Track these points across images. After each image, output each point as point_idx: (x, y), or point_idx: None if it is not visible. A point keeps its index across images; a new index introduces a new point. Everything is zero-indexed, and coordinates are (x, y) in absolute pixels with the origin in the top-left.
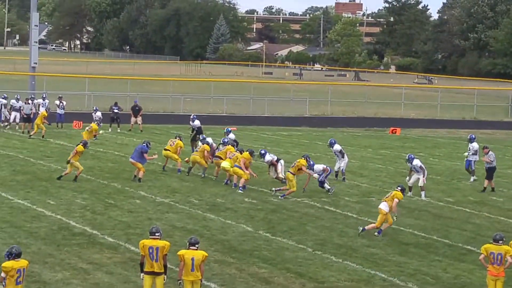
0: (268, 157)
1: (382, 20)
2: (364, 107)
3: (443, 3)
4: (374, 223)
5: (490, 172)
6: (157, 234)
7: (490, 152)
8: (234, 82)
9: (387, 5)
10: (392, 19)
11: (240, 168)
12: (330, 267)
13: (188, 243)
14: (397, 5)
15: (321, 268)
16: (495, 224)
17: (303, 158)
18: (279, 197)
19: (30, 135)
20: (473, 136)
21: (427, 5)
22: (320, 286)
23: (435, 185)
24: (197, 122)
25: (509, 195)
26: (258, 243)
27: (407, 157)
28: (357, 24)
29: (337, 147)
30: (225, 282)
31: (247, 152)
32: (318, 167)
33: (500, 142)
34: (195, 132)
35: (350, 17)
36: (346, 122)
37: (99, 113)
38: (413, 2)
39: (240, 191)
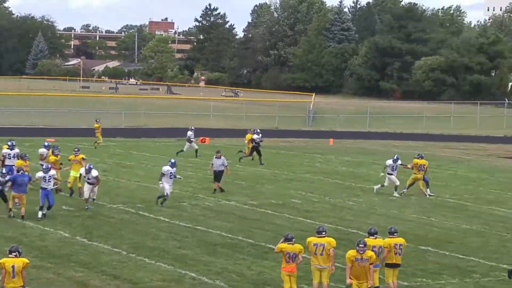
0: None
1: (192, 38)
2: (176, 118)
3: (248, 22)
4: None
5: (219, 175)
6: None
7: (222, 157)
8: (54, 96)
9: (197, 24)
10: (201, 37)
11: None
12: (144, 268)
13: (8, 251)
14: (206, 24)
15: (135, 270)
16: (294, 224)
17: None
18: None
19: None
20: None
21: (234, 24)
22: (134, 287)
23: (240, 189)
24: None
25: (307, 198)
26: (76, 248)
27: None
28: (170, 42)
29: (93, 172)
30: (43, 287)
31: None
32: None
33: (299, 149)
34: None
35: (162, 34)
36: (159, 133)
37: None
38: (220, 21)
39: None
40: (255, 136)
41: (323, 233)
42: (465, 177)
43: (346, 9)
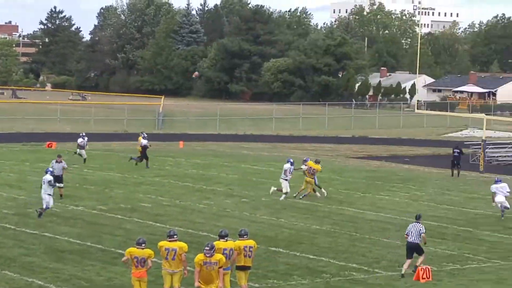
0: None
1: (38, 41)
2: (21, 123)
3: (95, 25)
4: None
5: (60, 180)
6: None
7: (63, 161)
8: None
9: (42, 26)
10: (47, 40)
11: None
12: None
13: None
14: (52, 27)
15: None
16: (144, 229)
17: None
18: None
19: None
20: (307, 159)
21: (80, 27)
22: None
23: (89, 194)
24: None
25: (157, 201)
26: None
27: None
28: (14, 45)
29: None
30: None
31: None
32: None
33: (149, 152)
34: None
35: (6, 38)
36: (4, 138)
37: None
38: (66, 24)
39: None
40: (144, 142)
41: (175, 236)
42: None
43: (194, 12)
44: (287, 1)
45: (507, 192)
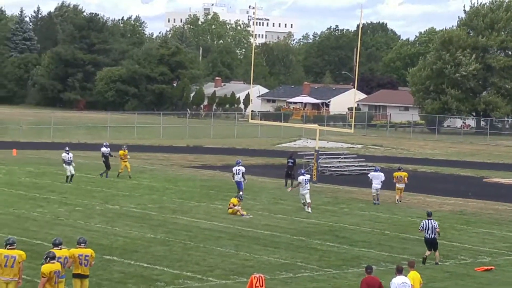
0: None
1: None
2: None
3: None
4: None
5: None
6: None
7: None
8: None
9: None
10: None
11: None
12: None
13: None
14: None
15: None
16: None
17: None
18: None
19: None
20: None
21: None
22: None
23: None
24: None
25: None
26: None
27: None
28: None
29: None
30: None
31: None
32: None
33: None
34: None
35: None
36: None
37: None
38: None
39: None
40: (104, 149)
41: (14, 244)
42: (149, 187)
43: (27, 19)
44: (121, 10)
45: (382, 181)
